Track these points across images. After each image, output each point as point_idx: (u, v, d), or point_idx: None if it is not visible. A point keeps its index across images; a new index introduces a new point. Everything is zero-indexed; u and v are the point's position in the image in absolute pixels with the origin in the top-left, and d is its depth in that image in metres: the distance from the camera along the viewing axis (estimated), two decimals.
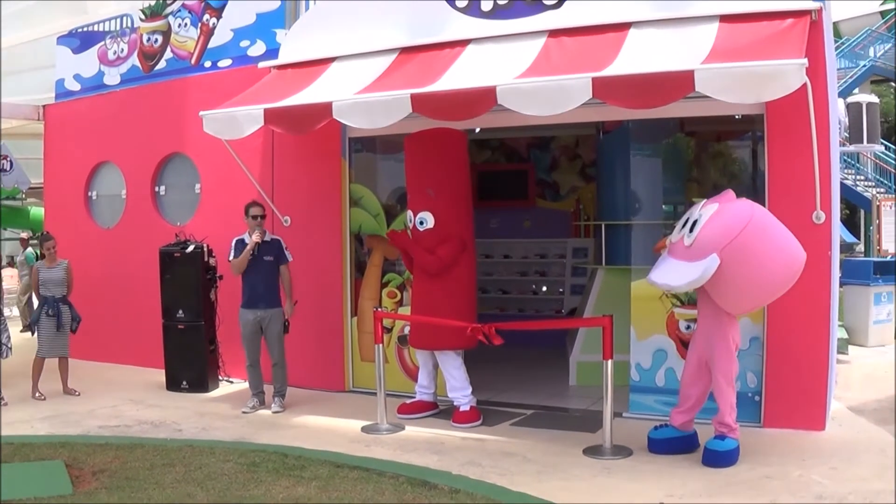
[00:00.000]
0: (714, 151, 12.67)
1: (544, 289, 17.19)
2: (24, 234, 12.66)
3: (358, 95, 10.55)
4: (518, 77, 9.53)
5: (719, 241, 8.40)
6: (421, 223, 10.96)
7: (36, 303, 12.96)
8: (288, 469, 8.74)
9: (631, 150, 12.01)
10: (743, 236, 8.36)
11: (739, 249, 8.35)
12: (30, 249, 21.68)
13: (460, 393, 10.94)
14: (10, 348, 12.59)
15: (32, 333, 12.93)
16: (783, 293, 8.85)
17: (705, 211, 8.66)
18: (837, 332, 11.64)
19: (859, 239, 29.63)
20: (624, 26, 9.98)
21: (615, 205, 13.17)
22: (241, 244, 11.75)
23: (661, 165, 12.07)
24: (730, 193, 8.86)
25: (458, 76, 10.20)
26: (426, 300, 11.05)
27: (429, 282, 11.03)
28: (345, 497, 7.82)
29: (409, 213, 11.14)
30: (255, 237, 11.63)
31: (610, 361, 9.21)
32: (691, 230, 8.64)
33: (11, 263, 26.47)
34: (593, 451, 9.31)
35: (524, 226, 17.37)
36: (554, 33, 10.43)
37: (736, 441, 8.87)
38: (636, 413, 10.78)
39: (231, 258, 11.77)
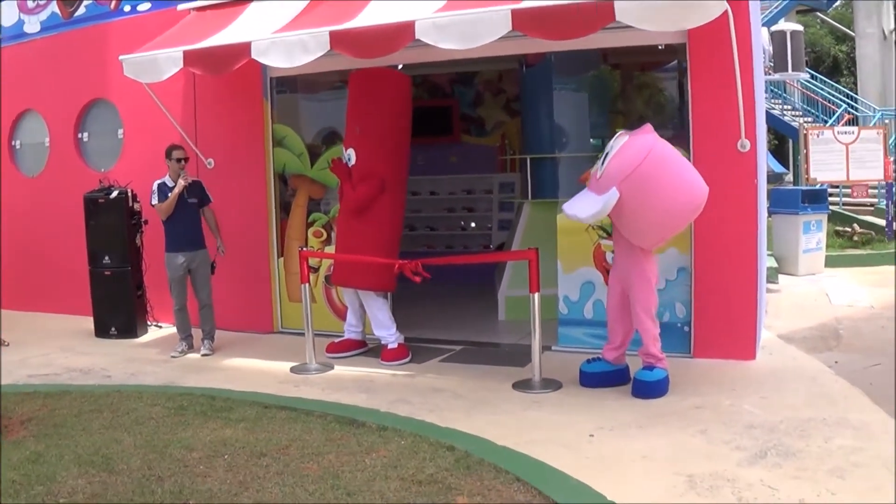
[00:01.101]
0: (639, 83, 12.50)
1: (472, 225, 16.96)
2: None
3: (276, 34, 10.23)
4: (437, 11, 9.24)
5: (620, 173, 8.27)
6: (348, 159, 10.78)
7: None
8: (216, 411, 8.55)
9: (554, 84, 11.82)
10: (642, 168, 8.21)
11: (638, 182, 8.22)
12: None
13: (385, 332, 10.80)
14: None
15: None
16: (685, 226, 8.83)
17: (616, 143, 8.52)
18: (767, 262, 11.57)
19: (788, 169, 29.72)
20: None
21: (541, 139, 12.96)
22: (164, 188, 11.46)
23: (586, 98, 11.90)
24: (647, 127, 8.68)
25: (377, 13, 9.87)
26: (348, 240, 10.85)
27: (350, 220, 10.83)
28: (272, 437, 7.64)
29: (341, 147, 11.01)
30: (182, 181, 11.38)
31: (537, 295, 9.10)
32: (603, 162, 8.49)
33: None
34: (523, 386, 9.18)
35: (450, 162, 17.11)
36: None
37: (665, 371, 8.78)
38: (565, 346, 10.67)
39: (155, 202, 11.45)
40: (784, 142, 35.19)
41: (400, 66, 11.95)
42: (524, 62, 13.54)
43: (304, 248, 11.34)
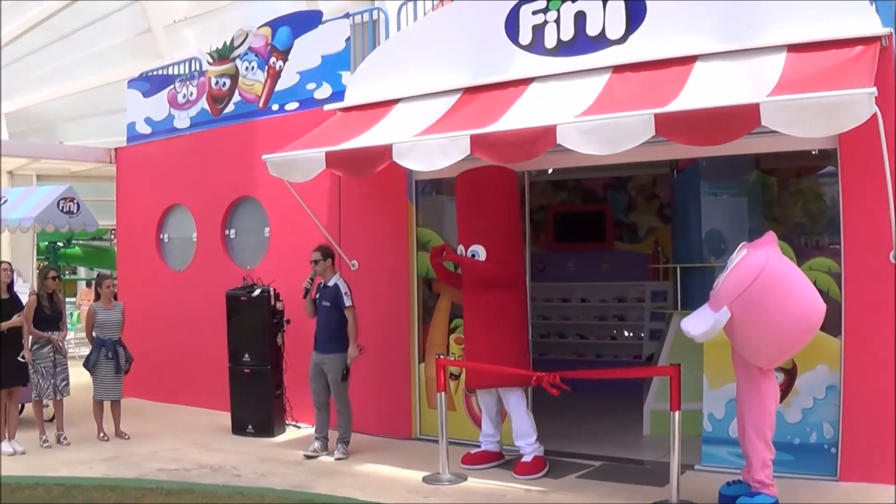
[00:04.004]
0: (794, 189, 12.15)
1: (625, 333, 16.67)
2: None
3: (417, 137, 10.33)
4: (579, 115, 9.18)
5: (731, 292, 8.16)
6: (473, 256, 10.72)
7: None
8: None
9: (704, 189, 11.57)
10: (752, 289, 8.07)
11: (749, 302, 8.08)
12: None
13: (525, 441, 10.57)
14: (62, 390, 12.49)
15: (91, 374, 12.84)
16: (801, 346, 8.52)
17: (735, 257, 8.37)
18: None
19: None
20: (690, 60, 9.61)
21: (690, 246, 12.72)
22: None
23: (738, 205, 11.63)
24: (768, 237, 8.51)
25: (519, 116, 9.92)
26: (478, 342, 10.78)
27: (480, 320, 10.76)
28: None
29: (460, 247, 10.94)
30: (305, 283, 11.70)
31: (678, 413, 8.83)
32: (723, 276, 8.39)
33: (90, 284, 26.70)
34: None
35: (602, 268, 16.90)
36: (619, 69, 10.09)
37: (773, 498, 8.49)
38: (709, 465, 10.27)
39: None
40: None
41: (550, 171, 11.93)
42: (675, 166, 13.35)
43: (442, 356, 11.24)
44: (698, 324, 8.41)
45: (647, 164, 12.82)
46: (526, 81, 10.73)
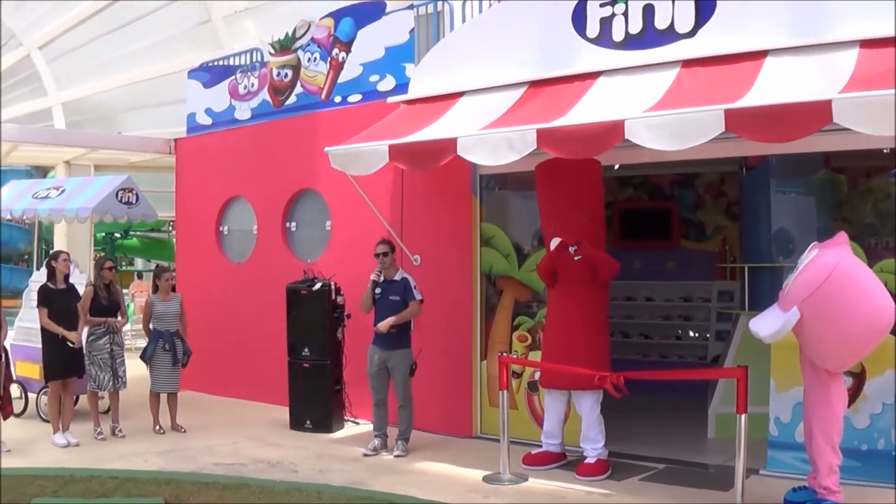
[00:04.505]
0: (865, 188, 12.10)
1: (690, 334, 16.66)
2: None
3: (482, 131, 10.41)
4: (648, 110, 9.23)
5: (802, 292, 8.15)
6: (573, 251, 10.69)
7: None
8: None
9: (773, 188, 11.55)
10: (822, 290, 8.07)
11: (818, 303, 8.07)
12: None
13: (591, 445, 10.63)
14: (122, 381, 12.72)
15: (148, 366, 13.04)
16: (871, 349, 8.49)
17: (806, 257, 8.34)
18: None
19: None
20: (760, 55, 9.55)
21: (759, 246, 12.70)
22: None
23: (805, 204, 11.60)
24: (839, 237, 8.51)
25: (587, 110, 9.96)
26: (563, 339, 10.75)
27: (568, 319, 10.76)
28: None
29: (559, 239, 10.76)
30: (372, 275, 11.66)
31: (744, 416, 8.78)
32: (793, 276, 8.37)
33: (140, 276, 27.02)
34: None
35: (668, 267, 16.90)
36: (688, 63, 10.06)
37: None
38: (774, 470, 10.25)
39: None
40: None
41: (617, 167, 11.97)
42: (743, 164, 13.33)
43: (505, 354, 11.30)
44: (767, 324, 8.43)
45: (716, 161, 12.80)
46: (593, 75, 10.72)
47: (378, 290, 11.71)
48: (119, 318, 12.77)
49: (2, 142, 17.95)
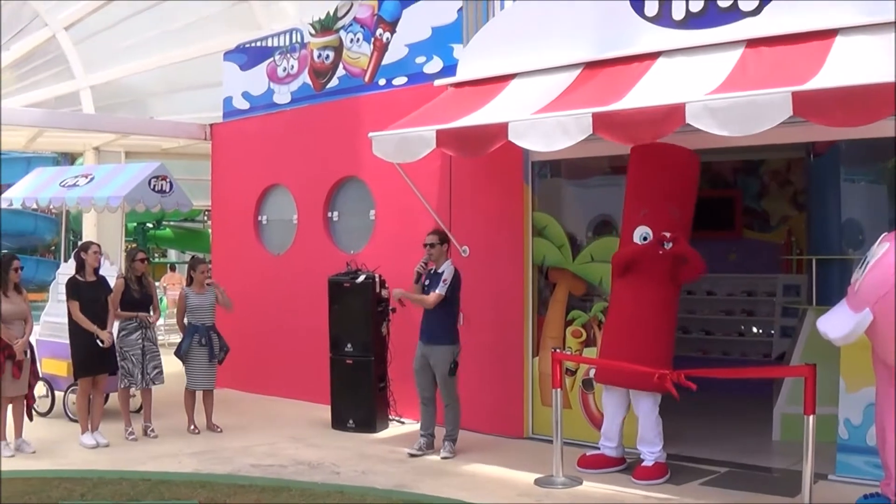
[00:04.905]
0: None
1: (754, 330, 16.65)
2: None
3: (535, 115, 10.42)
4: (710, 93, 9.23)
5: (874, 292, 8.05)
6: (644, 240, 10.67)
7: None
8: None
9: (842, 175, 11.51)
10: None
11: (892, 302, 7.97)
12: None
13: (649, 448, 10.62)
14: (153, 379, 12.76)
15: (183, 362, 13.16)
16: None
17: (877, 250, 8.25)
18: None
19: None
20: (830, 34, 9.48)
21: (828, 237, 12.67)
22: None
23: (876, 192, 11.55)
24: None
25: (645, 93, 9.96)
26: (627, 336, 10.71)
27: (636, 316, 10.70)
28: None
29: (647, 229, 10.66)
30: (417, 266, 11.74)
31: (812, 417, 8.78)
32: (863, 270, 8.29)
33: (173, 268, 27.21)
34: None
35: (730, 259, 16.86)
36: (752, 43, 10.01)
37: None
38: (844, 476, 10.25)
39: None
40: None
41: None
42: (811, 150, 13.30)
43: (558, 350, 11.35)
44: (837, 325, 8.33)
45: (782, 147, 12.78)
46: (652, 56, 10.70)
47: (426, 282, 11.76)
48: (151, 312, 12.87)
49: (27, 127, 18.14)
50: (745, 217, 17.05)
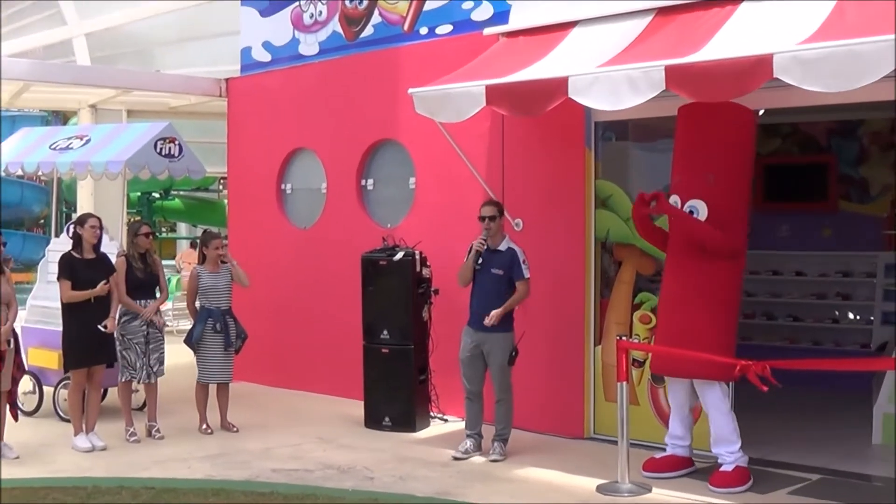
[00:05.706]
0: None
1: (850, 316, 16.61)
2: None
3: (599, 69, 10.38)
4: (802, 42, 9.15)
5: None
6: (690, 213, 10.61)
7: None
8: None
9: None
10: None
11: None
12: None
13: (725, 448, 10.56)
14: (156, 371, 12.73)
15: (195, 352, 13.14)
16: None
17: None
18: None
19: None
20: None
21: None
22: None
23: None
24: None
25: (726, 43, 9.89)
26: (672, 316, 10.75)
27: (683, 295, 10.66)
28: None
29: (675, 197, 10.75)
30: (475, 243, 11.61)
31: None
32: None
33: (193, 245, 27.19)
34: None
35: (823, 235, 16.81)
36: None
37: None
38: None
39: None
40: None
41: (761, 112, 11.86)
42: None
43: (624, 338, 11.35)
44: None
45: (884, 105, 12.74)
46: (734, 1, 10.63)
47: (480, 261, 11.70)
48: (157, 299, 12.88)
49: (10, 80, 17.71)
50: (840, 186, 16.94)
